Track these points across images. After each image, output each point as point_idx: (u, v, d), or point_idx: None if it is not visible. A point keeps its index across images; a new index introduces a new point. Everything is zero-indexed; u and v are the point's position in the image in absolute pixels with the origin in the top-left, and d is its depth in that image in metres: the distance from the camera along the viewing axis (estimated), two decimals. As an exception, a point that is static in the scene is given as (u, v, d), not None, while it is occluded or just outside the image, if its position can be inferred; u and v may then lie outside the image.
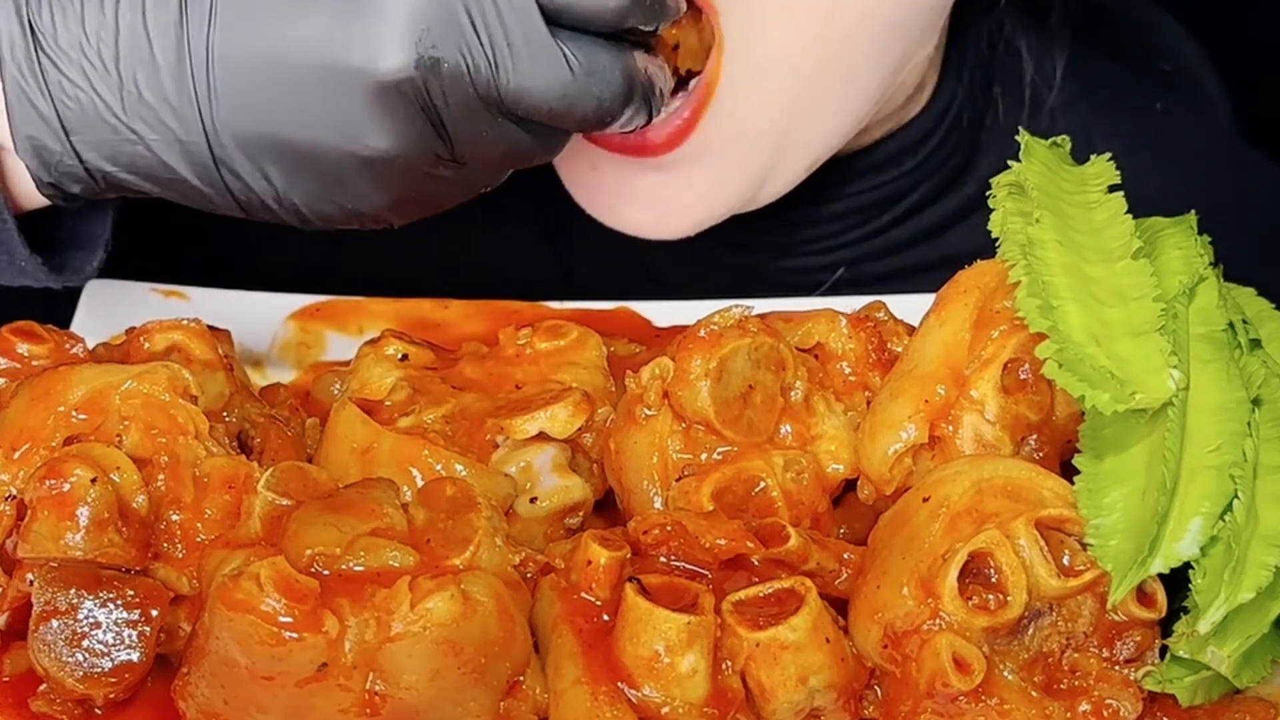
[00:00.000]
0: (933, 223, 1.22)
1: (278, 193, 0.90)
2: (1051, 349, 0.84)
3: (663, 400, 0.89)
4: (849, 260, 1.22)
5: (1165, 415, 0.83)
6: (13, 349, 0.91)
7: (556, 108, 0.89)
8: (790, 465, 0.88)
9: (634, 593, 0.80)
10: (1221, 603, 0.78)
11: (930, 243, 1.22)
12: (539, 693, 0.81)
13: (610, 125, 0.92)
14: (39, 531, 0.81)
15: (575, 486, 0.90)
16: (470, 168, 0.92)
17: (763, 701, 0.80)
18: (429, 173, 0.90)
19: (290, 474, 0.83)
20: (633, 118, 0.93)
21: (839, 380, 0.92)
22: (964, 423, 0.87)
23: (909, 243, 1.22)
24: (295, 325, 1.08)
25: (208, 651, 0.78)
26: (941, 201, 1.22)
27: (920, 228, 1.22)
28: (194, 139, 0.89)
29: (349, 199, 0.91)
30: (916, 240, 1.22)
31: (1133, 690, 0.81)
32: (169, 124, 0.89)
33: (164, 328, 0.91)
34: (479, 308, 1.08)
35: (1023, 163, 0.92)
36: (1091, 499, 0.82)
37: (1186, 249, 0.91)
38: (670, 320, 1.07)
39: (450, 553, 0.80)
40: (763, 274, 1.22)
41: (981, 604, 0.80)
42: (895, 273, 1.22)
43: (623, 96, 0.91)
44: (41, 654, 0.79)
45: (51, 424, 0.85)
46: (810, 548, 0.83)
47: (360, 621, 0.77)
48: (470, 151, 0.90)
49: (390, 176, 0.90)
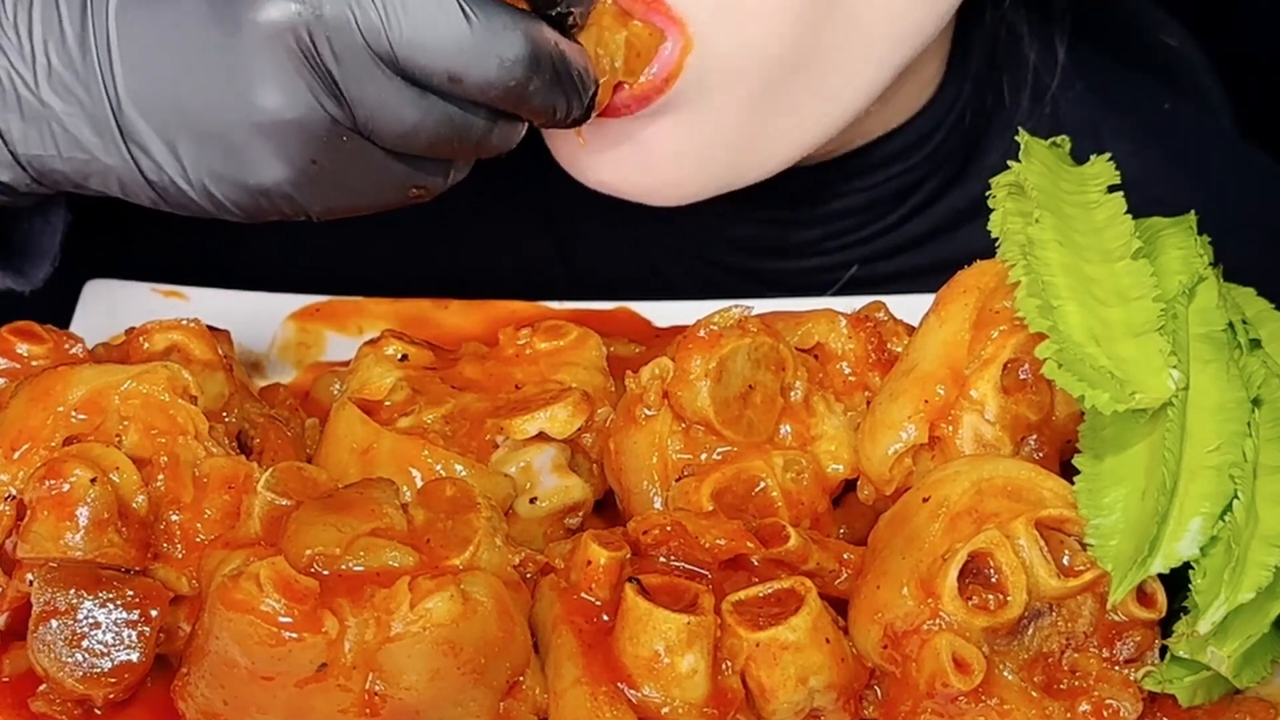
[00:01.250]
0: (942, 220, 1.22)
1: (185, 171, 0.89)
2: (1051, 349, 0.83)
3: (663, 400, 0.89)
4: (860, 259, 1.21)
5: (1165, 415, 0.83)
6: (12, 349, 0.91)
7: (454, 66, 0.86)
8: (790, 465, 0.88)
9: (634, 593, 0.80)
10: (1221, 603, 0.78)
11: (940, 240, 1.22)
12: (539, 693, 0.81)
13: (527, 102, 0.89)
14: (38, 531, 0.81)
15: (575, 486, 0.90)
16: (381, 141, 0.89)
17: (763, 702, 0.80)
18: (330, 143, 0.88)
19: (290, 474, 0.83)
20: (549, 98, 0.90)
21: (839, 380, 0.92)
22: (964, 423, 0.87)
23: (919, 240, 1.22)
24: (295, 325, 1.08)
25: (207, 652, 0.78)
26: (949, 197, 1.21)
27: (930, 225, 1.22)
28: (100, 110, 0.88)
29: (252, 173, 0.88)
30: (927, 238, 1.22)
31: (1133, 690, 0.81)
32: (78, 95, 0.88)
33: (164, 328, 0.91)
34: (479, 308, 1.08)
35: (1022, 163, 0.92)
36: (1091, 499, 0.82)
37: (1186, 249, 0.91)
38: (670, 320, 1.07)
39: (450, 553, 0.80)
40: (771, 275, 1.22)
41: (981, 604, 0.80)
42: (907, 271, 1.21)
43: (527, 61, 0.88)
44: (41, 654, 0.79)
45: (51, 424, 0.85)
46: (810, 548, 0.83)
47: (360, 621, 0.77)
48: (376, 121, 0.87)
49: (287, 143, 0.87)
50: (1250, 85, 1.49)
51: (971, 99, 1.21)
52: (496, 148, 0.92)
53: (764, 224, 1.20)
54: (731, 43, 1.00)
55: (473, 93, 0.88)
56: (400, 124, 0.88)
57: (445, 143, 0.90)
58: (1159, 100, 1.32)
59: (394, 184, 0.91)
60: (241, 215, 0.91)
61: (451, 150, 0.91)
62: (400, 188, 0.92)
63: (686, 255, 1.22)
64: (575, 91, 0.92)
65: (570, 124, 0.94)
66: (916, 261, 1.22)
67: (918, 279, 1.15)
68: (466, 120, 0.90)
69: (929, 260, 1.21)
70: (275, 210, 0.91)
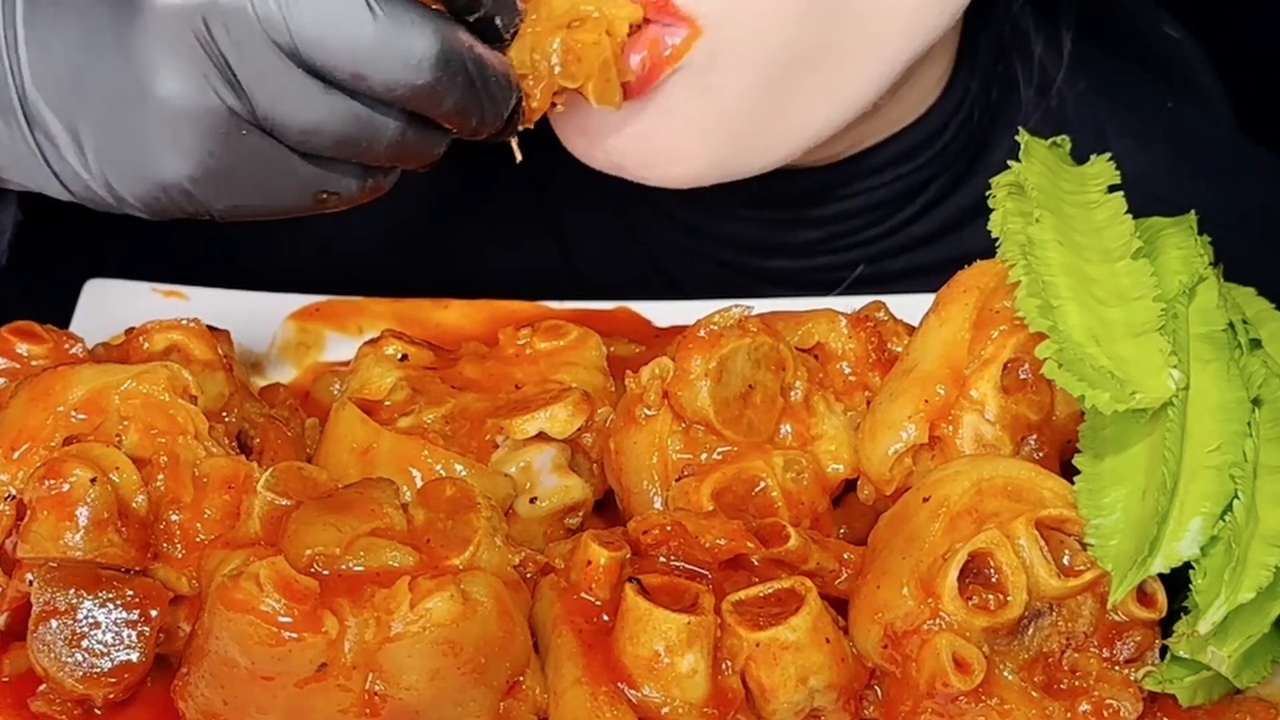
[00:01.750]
0: (950, 218, 1.22)
1: (87, 161, 0.87)
2: (1051, 349, 0.83)
3: (663, 400, 0.89)
4: (868, 258, 1.21)
5: (1165, 415, 0.83)
6: (12, 349, 0.91)
7: (361, 61, 0.84)
8: (790, 465, 0.88)
9: (634, 593, 0.80)
10: (1222, 603, 0.78)
11: (949, 238, 1.22)
12: (539, 693, 0.81)
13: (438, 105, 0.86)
14: (38, 531, 0.81)
15: (575, 486, 0.90)
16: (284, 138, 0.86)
17: (763, 702, 0.80)
18: (229, 135, 0.85)
19: (290, 474, 0.83)
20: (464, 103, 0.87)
21: (839, 380, 0.92)
22: (964, 423, 0.87)
23: (928, 239, 1.22)
24: (295, 325, 1.08)
25: (207, 652, 0.78)
26: (957, 195, 1.21)
27: (939, 223, 1.22)
28: (6, 95, 0.87)
29: (150, 164, 0.86)
30: (935, 236, 1.22)
31: (1133, 690, 0.81)
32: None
33: (163, 328, 0.91)
34: (479, 308, 1.08)
35: (1022, 163, 0.92)
36: (1091, 499, 0.82)
37: (1186, 249, 0.91)
38: (670, 320, 1.07)
39: (450, 553, 0.80)
40: (779, 274, 1.22)
41: (981, 604, 0.80)
42: (915, 269, 1.21)
43: (435, 61, 0.85)
44: (41, 654, 0.79)
45: (51, 424, 0.85)
46: (810, 548, 0.83)
47: (360, 621, 0.77)
48: (276, 115, 0.85)
49: (184, 134, 0.85)
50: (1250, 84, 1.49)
51: (979, 96, 1.21)
52: (415, 156, 0.90)
53: (772, 223, 1.20)
54: (741, 30, 0.99)
55: (379, 91, 0.85)
56: (302, 119, 0.85)
57: (352, 143, 0.87)
58: (1162, 98, 1.32)
59: (300, 186, 0.89)
60: (143, 210, 0.89)
61: (361, 153, 0.88)
62: (307, 190, 0.89)
63: (694, 255, 1.22)
64: (492, 99, 0.89)
65: (494, 135, 0.91)
66: (924, 260, 1.22)
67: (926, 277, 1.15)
68: (375, 121, 0.87)
69: (937, 258, 1.21)
70: (176, 206, 0.89)
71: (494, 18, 0.89)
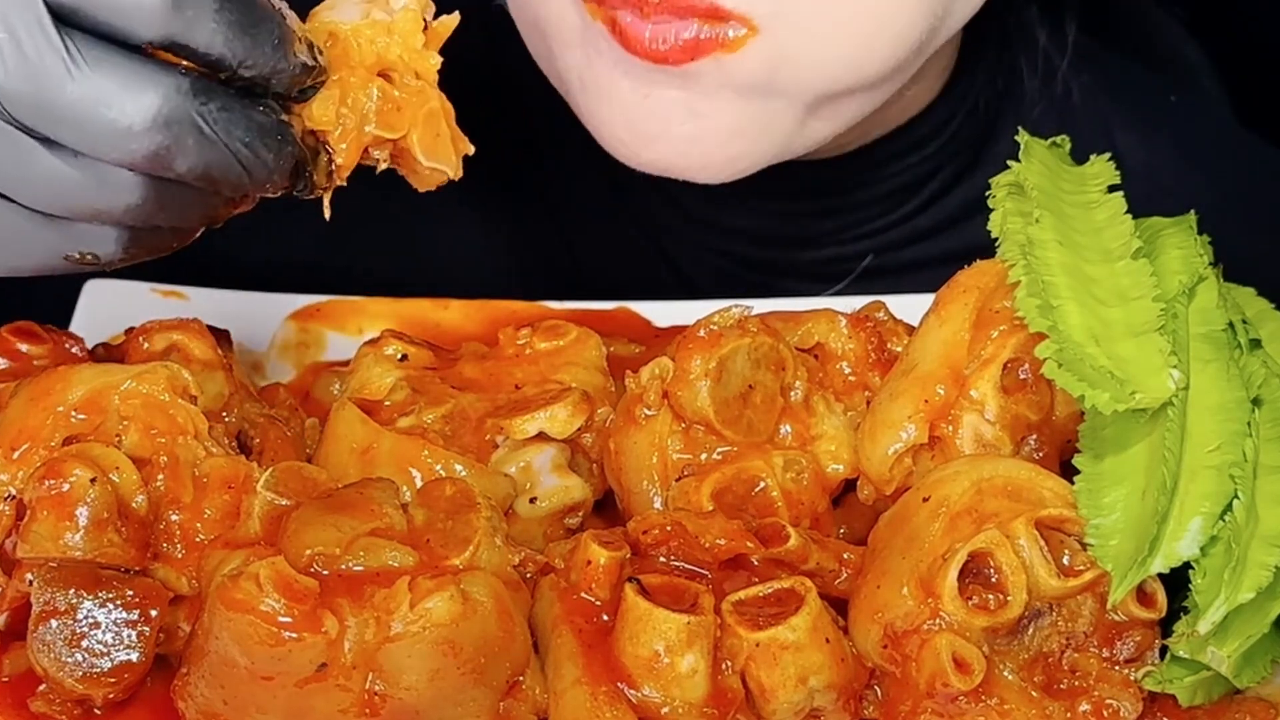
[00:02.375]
0: (957, 209, 1.22)
1: None
2: (1051, 349, 0.84)
3: (662, 400, 0.89)
4: (876, 249, 1.21)
5: (1165, 415, 0.83)
6: (12, 349, 0.91)
7: (63, 121, 0.77)
8: (790, 465, 0.88)
9: (634, 593, 0.80)
10: (1221, 603, 0.78)
11: (956, 229, 1.22)
12: (539, 693, 0.81)
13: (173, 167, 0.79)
14: (38, 531, 0.81)
15: (575, 486, 0.90)
16: (18, 201, 0.80)
17: (762, 701, 0.80)
18: None
19: (289, 474, 0.83)
20: (207, 165, 0.80)
21: (839, 380, 0.92)
22: (964, 423, 0.87)
23: (934, 230, 1.22)
24: (294, 325, 1.08)
25: (207, 652, 0.78)
26: (964, 186, 1.22)
27: (946, 214, 1.22)
28: None
29: None
30: (942, 227, 1.22)
31: (1133, 690, 0.81)
32: None
33: (163, 328, 0.91)
34: (479, 308, 1.08)
35: (1022, 163, 0.92)
36: (1091, 499, 0.82)
37: (1186, 249, 0.91)
38: (670, 320, 1.07)
39: (450, 553, 0.80)
40: (786, 266, 1.22)
41: (981, 604, 0.80)
42: (922, 261, 1.21)
43: (156, 121, 0.78)
44: (41, 654, 0.79)
45: (51, 424, 0.85)
46: (810, 548, 0.83)
47: (360, 621, 0.77)
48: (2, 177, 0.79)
49: None
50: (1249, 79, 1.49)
51: (984, 88, 1.21)
52: (179, 216, 0.83)
53: (780, 215, 1.20)
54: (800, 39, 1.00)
55: (99, 153, 0.79)
56: (25, 180, 0.80)
57: (86, 206, 0.81)
58: (1166, 91, 1.32)
59: (45, 248, 0.83)
60: None
61: (100, 215, 0.82)
62: (54, 253, 0.83)
63: (702, 246, 1.22)
64: (256, 158, 0.81)
65: (295, 193, 0.85)
66: (932, 251, 1.22)
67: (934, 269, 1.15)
68: (110, 181, 0.80)
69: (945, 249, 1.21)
70: None
71: (268, 77, 0.81)
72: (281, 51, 0.80)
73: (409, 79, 0.86)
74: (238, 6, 0.79)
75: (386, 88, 0.86)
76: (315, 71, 0.82)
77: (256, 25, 0.80)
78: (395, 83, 0.86)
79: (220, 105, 0.79)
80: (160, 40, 0.78)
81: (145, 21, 0.77)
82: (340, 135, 0.85)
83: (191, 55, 0.79)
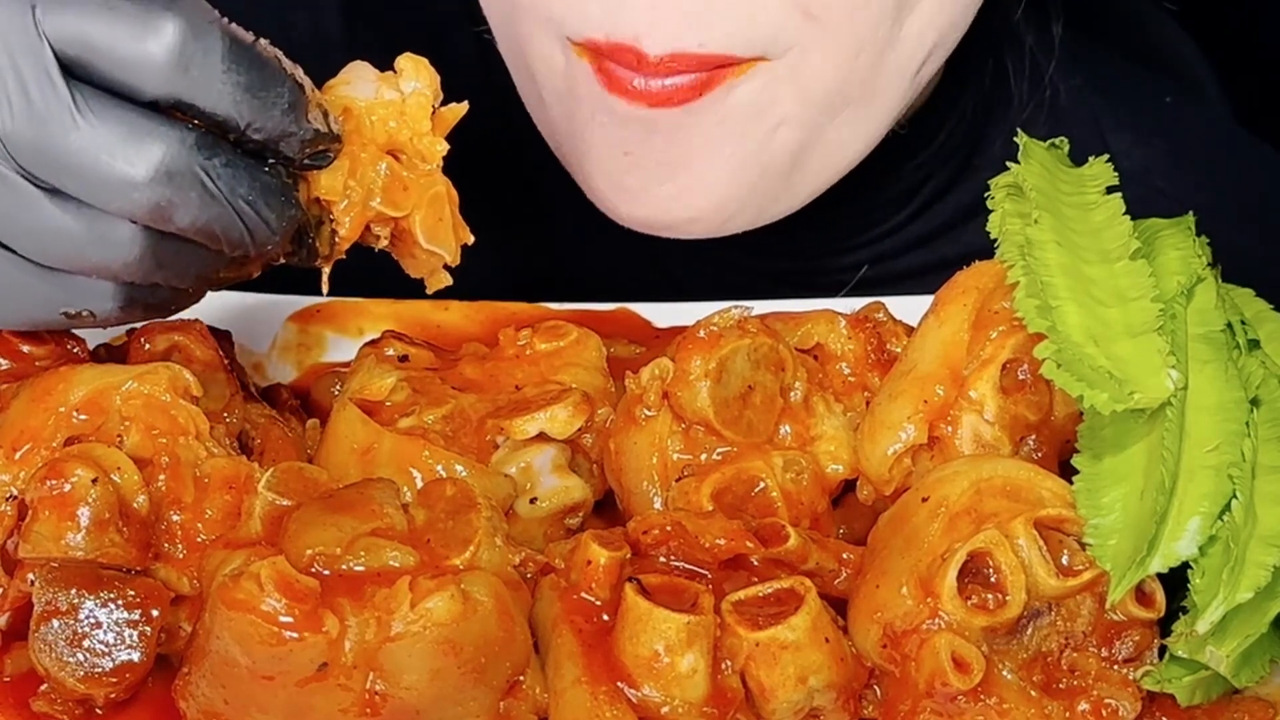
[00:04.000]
0: (951, 215, 1.22)
1: None
2: (1050, 349, 0.84)
3: (662, 401, 0.89)
4: (871, 259, 1.21)
5: (1164, 415, 0.83)
6: (14, 349, 0.91)
7: (66, 170, 0.78)
8: (790, 465, 0.88)
9: (634, 593, 0.80)
10: (1220, 602, 0.78)
11: (950, 236, 1.22)
12: (539, 693, 0.81)
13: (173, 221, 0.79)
14: (40, 532, 0.81)
15: (575, 487, 0.90)
16: (20, 253, 0.81)
17: (762, 701, 0.81)
18: None
19: (290, 474, 0.84)
20: (208, 222, 0.80)
21: (838, 381, 0.92)
22: (963, 423, 0.87)
23: (929, 237, 1.22)
24: (295, 327, 1.08)
25: (208, 651, 0.78)
26: (956, 192, 1.22)
27: (939, 221, 1.22)
28: None
29: None
30: (936, 234, 1.22)
31: (1132, 690, 0.81)
32: None
33: (164, 328, 0.92)
34: (479, 309, 1.08)
35: (1021, 164, 0.93)
36: (1090, 499, 0.82)
37: (1184, 250, 0.91)
38: (670, 321, 1.07)
39: (450, 553, 0.80)
40: (781, 275, 1.22)
41: (980, 604, 0.80)
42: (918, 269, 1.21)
43: (157, 174, 0.78)
44: (42, 654, 0.79)
45: (52, 424, 0.85)
46: (810, 548, 0.83)
47: (360, 621, 0.77)
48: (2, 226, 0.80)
49: None
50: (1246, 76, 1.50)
51: (973, 91, 1.21)
52: (178, 275, 0.83)
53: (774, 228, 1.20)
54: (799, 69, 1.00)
55: (100, 203, 0.79)
56: (26, 230, 0.80)
57: (85, 258, 0.81)
58: (1160, 93, 1.32)
59: (42, 302, 0.83)
60: None
61: (100, 269, 0.82)
62: (51, 307, 0.84)
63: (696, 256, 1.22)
64: (259, 218, 0.82)
65: (298, 261, 0.86)
66: (927, 259, 1.22)
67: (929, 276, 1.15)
68: (111, 235, 0.80)
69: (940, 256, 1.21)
70: None
71: (277, 140, 0.81)
72: (292, 116, 0.81)
73: (417, 161, 0.87)
74: (247, 69, 0.79)
75: (395, 166, 0.87)
76: (331, 138, 0.83)
77: (266, 88, 0.80)
78: (404, 163, 0.87)
79: (224, 161, 0.80)
80: (166, 98, 0.79)
81: (151, 78, 0.78)
82: (346, 208, 0.86)
83: (198, 114, 0.79)
